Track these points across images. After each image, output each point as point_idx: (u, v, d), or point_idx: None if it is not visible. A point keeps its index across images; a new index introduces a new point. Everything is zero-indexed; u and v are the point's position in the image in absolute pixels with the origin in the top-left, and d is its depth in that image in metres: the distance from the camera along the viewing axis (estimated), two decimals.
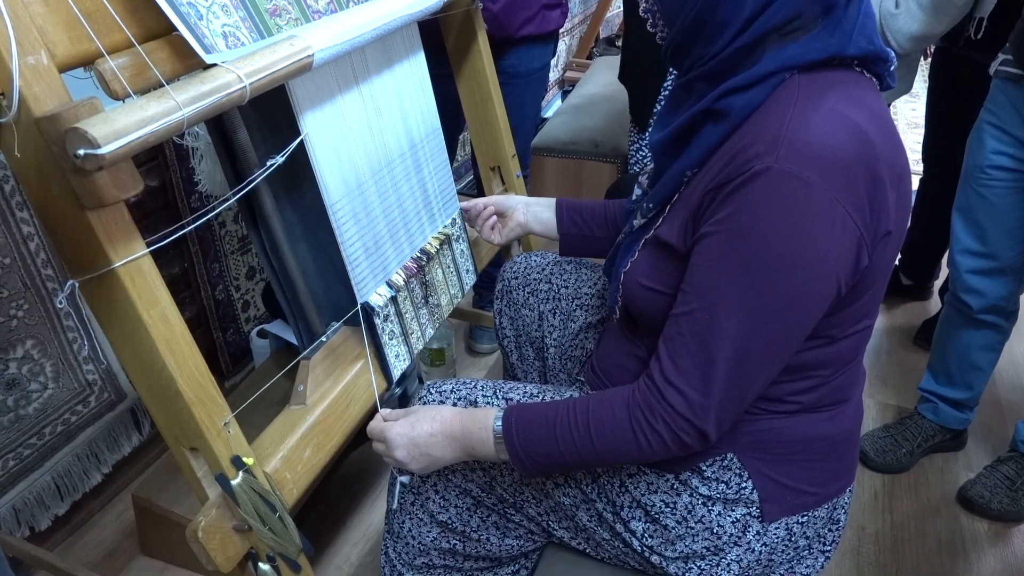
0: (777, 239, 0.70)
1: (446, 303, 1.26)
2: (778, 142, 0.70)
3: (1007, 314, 1.59)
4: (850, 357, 0.85)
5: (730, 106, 0.74)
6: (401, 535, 1.01)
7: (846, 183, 0.69)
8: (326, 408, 0.99)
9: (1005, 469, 1.62)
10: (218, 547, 0.81)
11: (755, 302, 0.72)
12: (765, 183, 0.69)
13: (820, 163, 0.68)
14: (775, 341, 0.74)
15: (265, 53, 0.76)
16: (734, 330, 0.73)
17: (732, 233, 0.72)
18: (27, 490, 1.42)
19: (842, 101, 0.72)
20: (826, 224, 0.69)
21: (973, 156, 1.51)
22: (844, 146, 0.69)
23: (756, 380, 0.76)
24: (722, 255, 0.73)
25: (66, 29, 0.67)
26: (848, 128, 0.70)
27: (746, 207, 0.71)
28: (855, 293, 0.77)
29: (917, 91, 3.81)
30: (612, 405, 0.80)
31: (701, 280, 0.75)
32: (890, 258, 0.79)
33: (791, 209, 0.69)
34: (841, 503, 0.93)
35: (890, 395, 1.97)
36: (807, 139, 0.69)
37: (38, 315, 1.38)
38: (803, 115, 0.71)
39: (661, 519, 0.88)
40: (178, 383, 0.75)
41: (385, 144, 1.09)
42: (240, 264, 1.81)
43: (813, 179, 0.68)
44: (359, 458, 1.74)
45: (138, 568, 1.48)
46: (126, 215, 0.70)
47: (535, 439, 0.82)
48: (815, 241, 0.70)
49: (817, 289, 0.73)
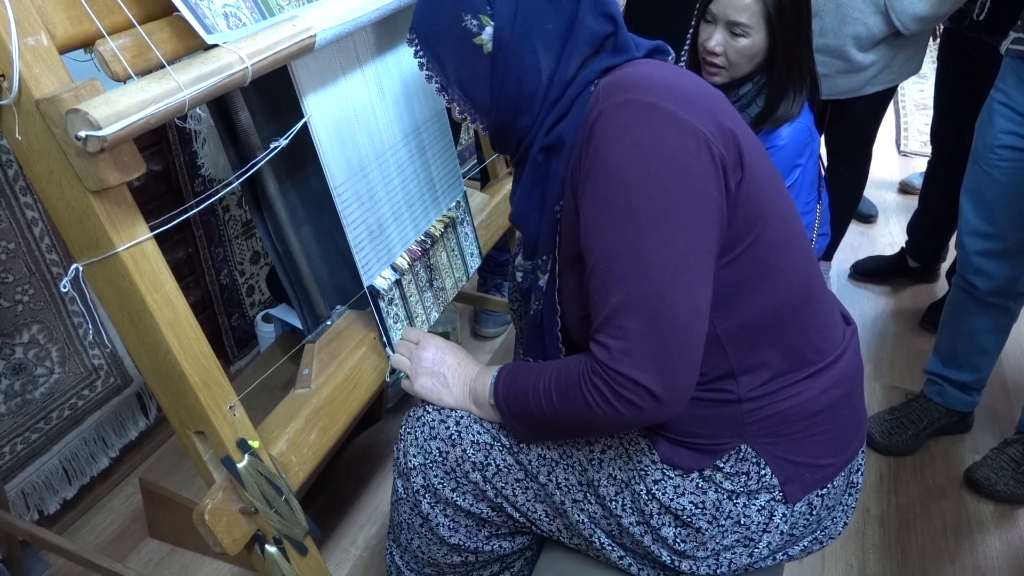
0: (628, 158, 0.73)
1: (451, 286, 1.26)
2: (599, 99, 0.77)
3: (1015, 296, 1.58)
4: (806, 300, 0.86)
5: (560, 135, 0.81)
6: (409, 549, 1.01)
7: (667, 90, 0.75)
8: (331, 391, 0.99)
9: (1011, 451, 1.62)
10: (225, 530, 0.81)
11: (631, 226, 0.73)
12: (601, 123, 0.75)
13: (640, 85, 0.76)
14: (679, 274, 0.72)
15: (267, 34, 0.76)
16: (630, 270, 0.73)
17: (596, 179, 0.75)
18: (35, 474, 1.42)
19: (647, 65, 0.82)
20: (663, 127, 0.73)
21: (982, 136, 1.50)
22: (651, 73, 0.78)
23: (678, 312, 0.72)
24: (595, 203, 0.75)
25: (66, 9, 0.66)
26: (654, 67, 0.81)
27: (596, 152, 0.75)
28: (752, 212, 0.79)
29: (925, 72, 3.77)
30: (569, 361, 0.81)
31: (589, 235, 0.77)
32: (761, 184, 0.80)
33: (628, 126, 0.74)
34: (856, 466, 0.94)
35: (896, 377, 1.97)
36: (622, 83, 0.77)
37: (43, 300, 1.38)
38: (613, 79, 0.79)
39: (693, 522, 0.86)
40: (183, 366, 0.75)
41: (389, 126, 1.08)
42: (244, 248, 1.81)
43: (635, 97, 0.75)
44: (365, 441, 1.74)
45: (146, 551, 1.49)
46: (129, 198, 0.70)
47: (515, 394, 0.86)
48: (663, 146, 0.73)
49: (693, 203, 0.73)
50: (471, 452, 0.94)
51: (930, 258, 2.32)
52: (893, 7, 1.62)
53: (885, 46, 1.72)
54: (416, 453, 0.96)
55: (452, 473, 0.95)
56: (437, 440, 0.95)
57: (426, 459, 0.95)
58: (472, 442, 0.94)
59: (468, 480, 0.94)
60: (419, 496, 0.96)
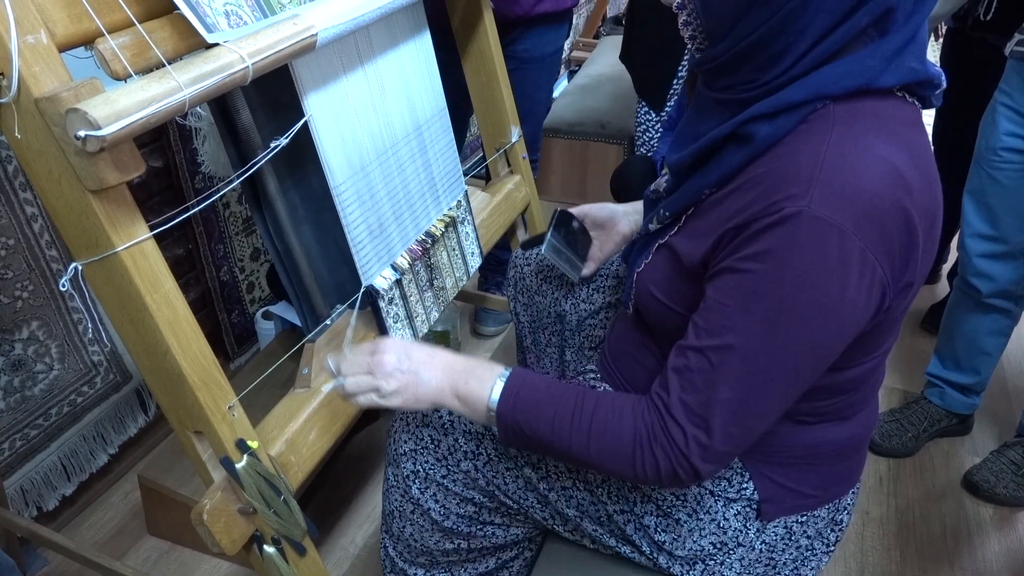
0: (807, 287, 0.66)
1: (451, 286, 1.26)
2: (812, 184, 0.65)
3: (1016, 299, 1.58)
4: (862, 379, 0.82)
5: (754, 132, 0.69)
6: (402, 538, 1.01)
7: (881, 233, 0.65)
8: (331, 391, 0.99)
9: (1011, 454, 1.62)
10: (223, 530, 0.81)
11: (773, 347, 0.69)
12: (797, 228, 0.65)
13: (855, 210, 0.64)
14: (786, 385, 0.71)
15: (268, 32, 0.75)
16: (746, 374, 0.70)
17: (758, 275, 0.67)
18: (34, 470, 1.42)
19: (880, 138, 0.67)
20: (857, 274, 0.66)
21: (986, 138, 1.49)
22: (882, 192, 0.65)
23: (762, 422, 0.73)
24: (745, 297, 0.68)
25: (65, 7, 0.66)
26: (886, 172, 0.65)
27: (776, 251, 0.66)
28: (870, 331, 0.74)
29: None
30: (621, 411, 0.76)
31: (718, 318, 0.70)
32: (910, 300, 0.76)
33: (824, 258, 0.65)
34: (844, 504, 0.92)
35: (896, 379, 1.96)
36: (843, 183, 0.64)
37: (43, 296, 1.38)
38: (839, 154, 0.66)
39: (673, 512, 0.87)
40: (182, 366, 0.75)
41: (390, 125, 1.08)
42: (245, 245, 1.80)
43: (848, 227, 0.64)
44: (364, 441, 1.74)
45: (144, 548, 1.49)
46: (128, 197, 0.70)
47: (531, 409, 0.78)
48: (845, 291, 0.66)
49: (839, 336, 0.70)
50: (463, 441, 0.94)
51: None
52: None
53: None
54: (407, 439, 0.96)
55: (444, 460, 0.95)
56: (430, 428, 0.95)
57: (417, 445, 0.96)
58: (464, 431, 0.94)
59: (459, 469, 0.95)
60: (409, 481, 0.96)
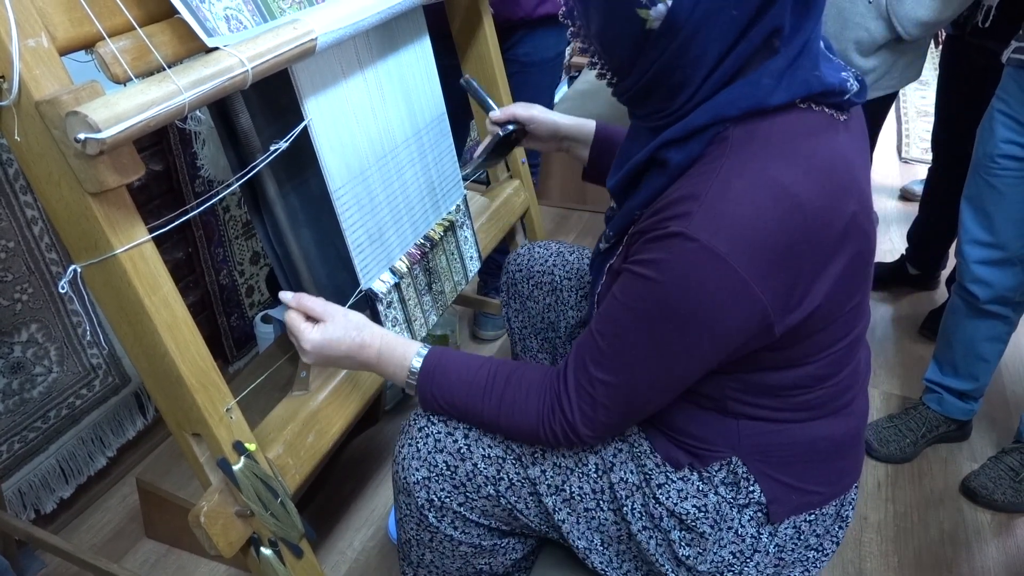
0: (680, 300, 0.71)
1: (450, 290, 1.26)
2: (697, 208, 0.68)
3: (1014, 305, 1.58)
4: (835, 371, 0.84)
5: (668, 159, 0.74)
6: (423, 565, 0.98)
7: (760, 259, 0.67)
8: (329, 394, 0.99)
9: (1009, 460, 1.62)
10: (220, 532, 0.81)
11: (649, 345, 0.75)
12: (676, 247, 0.69)
13: (733, 234, 0.67)
14: (663, 382, 0.78)
15: (268, 37, 0.76)
16: (625, 363, 0.77)
17: (640, 281, 0.73)
18: (32, 473, 1.42)
19: (772, 160, 0.69)
20: (731, 299, 0.69)
21: (983, 145, 1.50)
22: (764, 217, 0.67)
23: (644, 407, 0.82)
24: (627, 297, 0.75)
25: (66, 11, 0.66)
26: (774, 196, 0.67)
27: (659, 262, 0.71)
28: (803, 333, 0.76)
29: (927, 79, 3.78)
30: (528, 389, 0.85)
31: (611, 309, 0.77)
32: (842, 300, 0.77)
33: (698, 278, 0.69)
34: (848, 499, 0.93)
35: (895, 385, 1.96)
36: (724, 210, 0.67)
37: (42, 299, 1.38)
38: (726, 180, 0.68)
39: (697, 526, 0.86)
40: (180, 369, 0.75)
41: (389, 130, 1.08)
42: (244, 249, 1.81)
43: (722, 252, 0.67)
44: (362, 444, 1.74)
45: (142, 551, 1.49)
46: (128, 200, 0.70)
47: (448, 385, 0.88)
48: (718, 312, 0.70)
49: (712, 350, 0.74)
50: (483, 466, 0.90)
51: (930, 265, 2.32)
52: (895, 12, 1.62)
53: (886, 51, 1.72)
54: (419, 466, 0.90)
55: (461, 487, 0.90)
56: (444, 453, 0.90)
57: (430, 472, 0.90)
58: (483, 456, 0.90)
59: (479, 495, 0.91)
60: (424, 511, 0.92)
